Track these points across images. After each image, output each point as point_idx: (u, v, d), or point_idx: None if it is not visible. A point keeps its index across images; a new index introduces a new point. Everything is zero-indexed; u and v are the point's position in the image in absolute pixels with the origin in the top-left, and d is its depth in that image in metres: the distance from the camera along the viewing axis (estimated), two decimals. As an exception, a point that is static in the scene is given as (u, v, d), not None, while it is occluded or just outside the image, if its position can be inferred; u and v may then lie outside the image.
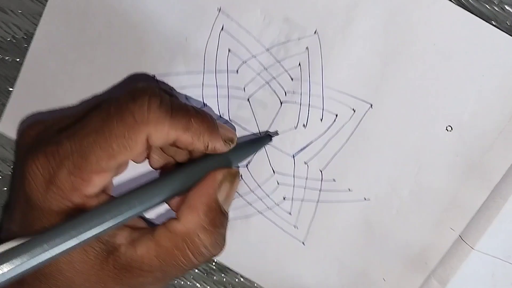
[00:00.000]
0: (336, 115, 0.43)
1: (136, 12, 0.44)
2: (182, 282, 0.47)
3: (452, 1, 0.40)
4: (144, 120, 0.35)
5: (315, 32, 0.42)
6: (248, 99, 0.44)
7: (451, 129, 0.42)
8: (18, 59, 0.45)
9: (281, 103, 0.44)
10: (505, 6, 0.40)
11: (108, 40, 0.45)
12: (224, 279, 0.47)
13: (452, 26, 0.40)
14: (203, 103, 0.45)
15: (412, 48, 0.41)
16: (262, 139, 0.44)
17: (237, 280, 0.47)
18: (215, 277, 0.47)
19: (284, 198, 0.45)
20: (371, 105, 0.42)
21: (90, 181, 0.35)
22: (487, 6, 0.40)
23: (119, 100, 0.36)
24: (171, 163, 0.41)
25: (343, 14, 0.41)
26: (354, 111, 0.43)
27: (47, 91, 0.45)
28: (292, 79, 0.43)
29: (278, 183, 0.45)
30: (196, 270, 0.46)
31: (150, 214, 0.45)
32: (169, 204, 0.40)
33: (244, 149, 0.43)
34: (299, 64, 0.43)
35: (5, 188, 0.47)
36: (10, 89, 0.45)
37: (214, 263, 0.46)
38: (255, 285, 0.46)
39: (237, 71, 0.44)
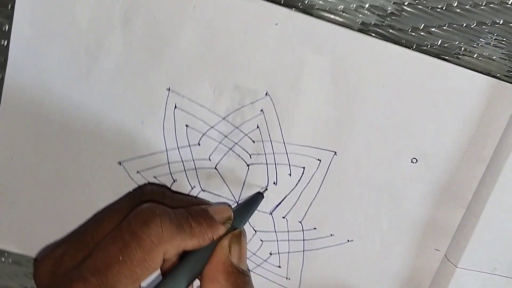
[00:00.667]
0: (304, 168, 0.44)
1: (88, 105, 0.44)
2: None
3: (386, 40, 0.41)
4: (161, 241, 0.37)
5: (266, 94, 0.42)
6: (216, 167, 0.45)
7: (416, 160, 0.43)
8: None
9: (248, 165, 0.44)
10: (430, 29, 0.41)
11: (67, 140, 0.45)
12: None
13: (396, 65, 0.41)
14: (173, 179, 0.45)
15: (362, 92, 0.42)
16: (255, 198, 0.45)
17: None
18: None
19: (270, 253, 0.46)
20: (335, 152, 0.43)
21: None
22: (413, 34, 0.41)
23: (130, 226, 0.37)
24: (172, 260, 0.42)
25: (290, 72, 0.42)
26: (320, 161, 0.43)
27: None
28: (253, 142, 0.44)
29: (261, 241, 0.46)
30: None
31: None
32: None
33: (241, 214, 0.43)
34: (258, 127, 0.43)
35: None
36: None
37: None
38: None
39: (199, 143, 0.44)
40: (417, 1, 0.40)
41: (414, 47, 0.41)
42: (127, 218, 0.38)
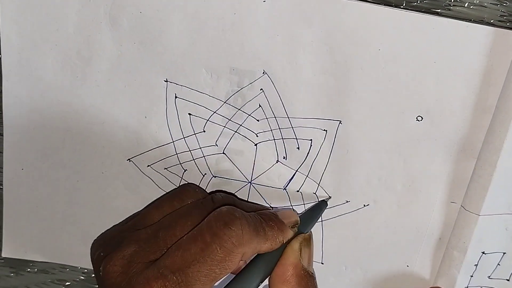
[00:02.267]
0: (311, 140, 0.44)
1: (88, 108, 0.45)
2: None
3: (378, 4, 0.40)
4: (241, 243, 0.37)
5: (263, 73, 0.42)
6: (224, 152, 0.45)
7: (422, 118, 0.42)
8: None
9: (255, 145, 0.45)
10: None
11: (74, 145, 0.46)
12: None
13: (389, 27, 0.40)
14: (183, 169, 0.46)
15: (359, 58, 0.41)
16: (319, 205, 0.46)
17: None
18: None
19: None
20: (340, 121, 0.43)
21: None
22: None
23: (211, 227, 0.37)
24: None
25: (284, 47, 0.41)
26: (326, 131, 0.44)
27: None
28: (258, 121, 0.44)
29: (279, 217, 0.46)
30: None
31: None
32: None
33: (306, 219, 0.44)
34: (260, 106, 0.43)
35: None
36: None
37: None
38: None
39: (204, 130, 0.44)
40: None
41: (404, 4, 0.41)
42: (207, 219, 0.38)
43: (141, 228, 0.40)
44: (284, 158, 0.45)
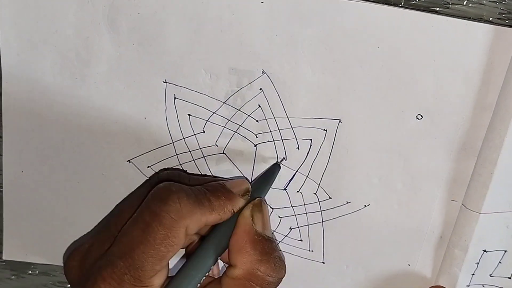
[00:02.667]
0: (311, 140, 0.44)
1: (88, 110, 0.45)
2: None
3: (377, 3, 0.40)
4: (181, 216, 0.37)
5: (263, 73, 0.42)
6: (224, 152, 0.45)
7: (422, 116, 0.42)
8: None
9: (255, 145, 0.44)
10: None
11: (73, 146, 0.46)
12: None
13: (388, 26, 0.40)
14: (183, 170, 0.46)
15: (358, 57, 0.41)
16: (272, 169, 0.45)
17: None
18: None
19: (290, 228, 0.46)
20: (340, 120, 0.43)
21: (152, 284, 0.38)
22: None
23: (149, 206, 0.38)
24: (195, 240, 0.43)
25: (283, 47, 0.41)
26: (326, 131, 0.43)
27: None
28: (257, 121, 0.44)
29: (279, 217, 0.46)
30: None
31: None
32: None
33: (260, 185, 0.44)
34: (259, 106, 0.43)
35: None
36: None
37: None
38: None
39: (203, 130, 0.44)
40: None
41: (402, 3, 0.40)
42: (145, 199, 0.38)
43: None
44: (284, 159, 0.45)
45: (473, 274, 0.46)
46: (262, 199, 0.42)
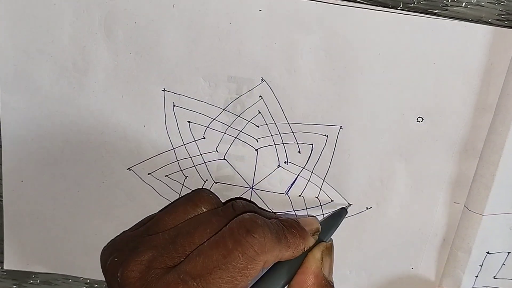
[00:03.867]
0: (312, 144, 0.44)
1: (86, 119, 0.44)
2: None
3: (376, 8, 0.40)
4: (263, 251, 0.37)
5: (262, 80, 0.42)
6: (224, 158, 0.45)
7: (422, 119, 0.42)
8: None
9: (256, 150, 0.44)
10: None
11: (73, 155, 0.46)
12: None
13: (387, 30, 0.40)
14: (184, 175, 0.46)
15: (358, 63, 0.41)
16: (339, 213, 0.45)
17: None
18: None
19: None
20: (341, 126, 0.43)
21: None
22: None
23: (233, 234, 0.37)
24: None
25: (282, 55, 0.41)
26: (327, 136, 0.43)
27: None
28: (258, 126, 0.43)
29: (282, 222, 0.46)
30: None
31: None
32: None
33: (327, 227, 0.44)
34: (259, 112, 0.43)
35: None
36: None
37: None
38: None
39: (204, 136, 0.44)
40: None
41: (401, 6, 0.40)
42: (229, 226, 0.38)
43: (154, 234, 0.39)
44: (285, 162, 0.45)
45: (477, 277, 0.46)
46: (333, 243, 0.42)
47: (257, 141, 0.44)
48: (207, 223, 0.39)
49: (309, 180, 0.45)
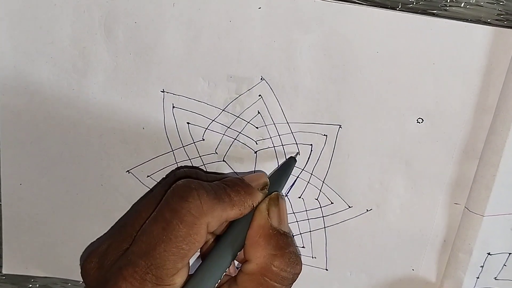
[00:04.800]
0: (311, 145, 0.44)
1: (85, 121, 0.44)
2: None
3: (375, 7, 0.40)
4: (201, 213, 0.36)
5: (261, 79, 0.42)
6: (224, 160, 0.45)
7: (422, 120, 0.42)
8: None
9: (255, 152, 0.44)
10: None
11: (72, 158, 0.46)
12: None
13: (386, 30, 0.40)
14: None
15: (357, 62, 0.41)
16: (288, 163, 0.44)
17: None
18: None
19: (292, 235, 0.46)
20: (340, 125, 0.43)
21: (174, 283, 0.37)
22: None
23: (169, 204, 0.37)
24: (210, 239, 0.43)
25: (281, 53, 0.41)
26: (326, 136, 0.43)
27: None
28: (257, 128, 0.43)
29: (282, 224, 0.46)
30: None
31: None
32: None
33: (277, 179, 0.43)
34: (259, 112, 0.43)
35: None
36: None
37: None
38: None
39: (203, 138, 0.44)
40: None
41: (399, 6, 0.40)
42: (165, 197, 0.38)
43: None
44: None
45: (478, 278, 0.46)
46: (279, 193, 0.41)
47: (256, 143, 0.44)
48: (151, 197, 0.39)
49: (308, 182, 0.45)
